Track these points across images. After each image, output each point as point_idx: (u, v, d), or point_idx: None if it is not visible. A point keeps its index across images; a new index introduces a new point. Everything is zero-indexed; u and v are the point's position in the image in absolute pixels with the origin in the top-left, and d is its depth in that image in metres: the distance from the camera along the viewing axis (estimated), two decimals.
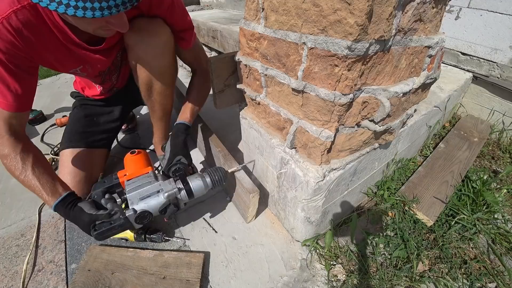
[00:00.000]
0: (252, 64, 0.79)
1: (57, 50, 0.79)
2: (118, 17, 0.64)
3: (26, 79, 0.76)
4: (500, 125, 1.36)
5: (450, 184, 1.06)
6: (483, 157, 1.25)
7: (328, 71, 0.57)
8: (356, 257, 0.87)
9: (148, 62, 0.89)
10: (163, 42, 0.88)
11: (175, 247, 0.93)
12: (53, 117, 1.87)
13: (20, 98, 0.75)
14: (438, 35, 0.77)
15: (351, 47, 0.50)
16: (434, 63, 0.83)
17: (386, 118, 0.68)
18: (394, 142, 0.93)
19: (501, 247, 0.88)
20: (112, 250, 0.90)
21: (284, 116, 0.76)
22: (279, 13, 0.62)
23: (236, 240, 0.94)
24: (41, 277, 0.88)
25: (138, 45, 0.86)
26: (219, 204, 1.08)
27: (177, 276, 0.81)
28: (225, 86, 0.95)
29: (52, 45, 0.76)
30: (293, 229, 0.91)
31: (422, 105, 1.05)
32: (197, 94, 1.07)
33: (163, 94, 0.99)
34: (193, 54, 1.05)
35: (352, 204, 0.99)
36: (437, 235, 0.90)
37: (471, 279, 0.79)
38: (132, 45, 0.86)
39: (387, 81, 0.66)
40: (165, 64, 0.92)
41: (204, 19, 2.07)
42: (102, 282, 0.81)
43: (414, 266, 0.81)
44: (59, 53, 0.80)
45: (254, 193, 0.87)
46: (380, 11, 0.50)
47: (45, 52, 0.77)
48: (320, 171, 0.71)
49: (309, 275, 0.83)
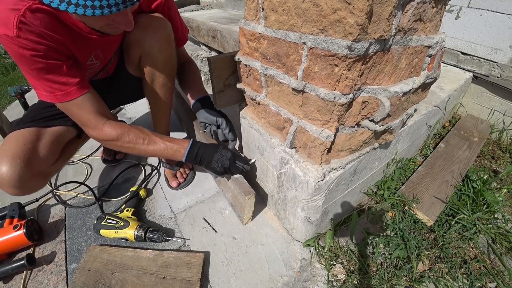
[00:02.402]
0: (252, 64, 0.79)
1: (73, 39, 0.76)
2: (123, 15, 0.66)
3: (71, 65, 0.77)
4: (500, 124, 1.36)
5: (450, 183, 1.06)
6: (483, 157, 1.25)
7: (328, 70, 0.57)
8: (356, 257, 0.87)
9: (154, 55, 0.92)
10: (167, 36, 0.93)
11: (175, 247, 0.93)
12: None
13: (82, 80, 0.77)
14: (438, 35, 0.77)
15: (351, 46, 0.50)
16: (434, 63, 0.83)
17: (386, 118, 0.68)
18: (394, 142, 0.93)
19: (501, 247, 0.88)
20: (112, 250, 0.90)
21: (284, 116, 0.76)
22: (279, 12, 0.62)
23: (236, 240, 0.94)
24: (41, 277, 0.88)
25: (144, 40, 0.89)
26: (219, 204, 1.08)
27: (177, 276, 0.81)
28: (225, 86, 0.95)
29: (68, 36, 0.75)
30: (293, 229, 0.91)
31: (422, 104, 1.05)
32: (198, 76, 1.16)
33: (166, 86, 1.03)
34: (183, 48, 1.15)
35: (352, 204, 0.99)
36: (437, 235, 0.90)
37: (471, 279, 0.79)
38: (139, 39, 0.90)
39: (387, 80, 0.66)
40: (168, 56, 0.97)
41: (204, 19, 2.06)
42: (102, 282, 0.81)
43: (414, 266, 0.81)
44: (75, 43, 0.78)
45: (250, 195, 0.87)
46: (380, 10, 0.50)
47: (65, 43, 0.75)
48: (320, 171, 0.71)
49: (309, 275, 0.83)
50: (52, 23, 0.68)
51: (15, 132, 0.84)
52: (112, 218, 0.95)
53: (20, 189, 0.81)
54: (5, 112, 2.03)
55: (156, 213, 1.07)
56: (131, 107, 1.85)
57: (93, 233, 1.00)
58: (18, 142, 0.82)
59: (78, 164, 1.36)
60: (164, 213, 1.07)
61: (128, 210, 1.00)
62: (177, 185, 1.16)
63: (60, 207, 1.13)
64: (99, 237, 0.97)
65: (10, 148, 0.79)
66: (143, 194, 1.11)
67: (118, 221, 0.94)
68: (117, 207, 1.07)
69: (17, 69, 3.22)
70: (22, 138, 0.83)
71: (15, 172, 0.77)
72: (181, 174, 1.20)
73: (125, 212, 0.99)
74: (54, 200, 1.15)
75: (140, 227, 0.92)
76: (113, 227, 0.92)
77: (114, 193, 1.18)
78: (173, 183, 1.17)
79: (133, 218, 0.98)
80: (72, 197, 1.17)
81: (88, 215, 1.08)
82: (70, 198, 1.17)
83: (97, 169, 1.32)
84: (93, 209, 1.10)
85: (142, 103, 1.86)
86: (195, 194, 1.14)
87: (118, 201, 1.13)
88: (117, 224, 0.93)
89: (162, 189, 1.18)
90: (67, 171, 1.32)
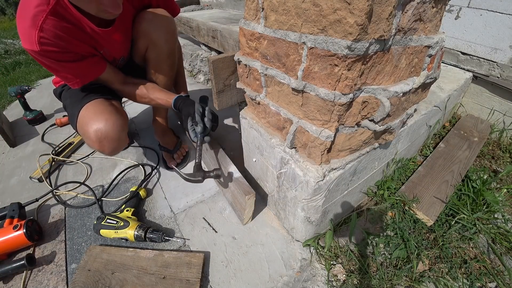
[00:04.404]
0: (252, 64, 0.79)
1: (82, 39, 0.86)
2: None
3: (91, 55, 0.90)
4: (500, 124, 1.36)
5: (450, 183, 1.06)
6: (483, 157, 1.25)
7: (328, 70, 0.57)
8: (356, 257, 0.87)
9: (160, 46, 1.05)
10: (173, 29, 1.08)
11: (175, 247, 0.93)
12: (53, 117, 1.87)
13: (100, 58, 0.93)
14: (438, 35, 0.77)
15: (351, 46, 0.50)
16: (434, 63, 0.83)
17: (386, 118, 0.68)
18: (394, 142, 0.93)
19: (501, 247, 0.88)
20: (112, 250, 0.90)
21: (284, 115, 0.76)
22: (278, 12, 0.62)
23: (236, 240, 0.94)
24: (41, 277, 0.88)
25: (152, 32, 1.01)
26: (219, 204, 1.08)
27: (177, 276, 0.81)
28: (225, 86, 0.95)
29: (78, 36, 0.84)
30: (293, 229, 0.91)
31: (422, 104, 1.05)
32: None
33: (168, 75, 1.15)
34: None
35: (352, 204, 0.99)
36: (437, 234, 0.90)
37: (471, 278, 0.79)
38: (147, 31, 1.01)
39: (387, 80, 0.66)
40: (172, 48, 1.10)
41: (204, 19, 2.06)
42: (102, 282, 0.81)
43: (414, 266, 0.81)
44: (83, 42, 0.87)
45: (250, 195, 0.87)
46: (380, 10, 0.50)
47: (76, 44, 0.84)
48: (320, 170, 0.71)
49: (309, 275, 0.83)
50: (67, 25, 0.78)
51: (89, 104, 0.95)
52: (112, 218, 0.95)
53: (119, 142, 0.94)
54: (5, 112, 2.02)
55: (156, 213, 1.07)
56: (131, 107, 1.86)
57: (93, 233, 1.00)
58: (103, 105, 0.96)
59: (78, 164, 1.36)
60: (164, 213, 1.07)
61: (128, 210, 1.00)
62: (175, 164, 1.26)
63: (60, 207, 1.13)
64: (99, 237, 0.97)
65: (101, 110, 0.93)
66: (143, 194, 1.11)
67: (118, 221, 0.94)
68: (117, 207, 1.07)
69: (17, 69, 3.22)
70: (101, 104, 0.96)
71: (116, 123, 0.91)
72: (178, 156, 1.31)
73: (125, 212, 0.99)
74: (54, 200, 1.15)
75: (140, 227, 0.92)
76: (113, 227, 0.92)
77: (114, 193, 1.18)
78: (171, 163, 1.27)
79: (133, 218, 0.98)
80: (72, 197, 1.17)
81: (88, 215, 1.08)
82: (70, 198, 1.17)
83: (97, 169, 1.32)
84: (93, 209, 1.10)
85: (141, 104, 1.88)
86: (195, 194, 1.14)
87: (118, 201, 1.13)
88: (117, 224, 0.93)
89: (162, 189, 1.18)
90: (67, 171, 1.32)
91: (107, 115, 0.91)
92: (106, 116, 0.90)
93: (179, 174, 0.90)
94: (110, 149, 0.92)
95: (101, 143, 0.89)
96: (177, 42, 1.13)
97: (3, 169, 1.41)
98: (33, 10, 0.71)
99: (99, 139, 0.88)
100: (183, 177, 0.89)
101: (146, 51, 1.06)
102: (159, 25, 1.01)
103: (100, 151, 0.92)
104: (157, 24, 1.01)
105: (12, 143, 1.58)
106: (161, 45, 1.05)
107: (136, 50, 1.08)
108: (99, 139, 0.88)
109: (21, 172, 1.36)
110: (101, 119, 0.89)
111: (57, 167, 1.35)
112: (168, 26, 1.05)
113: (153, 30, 1.01)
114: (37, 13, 0.71)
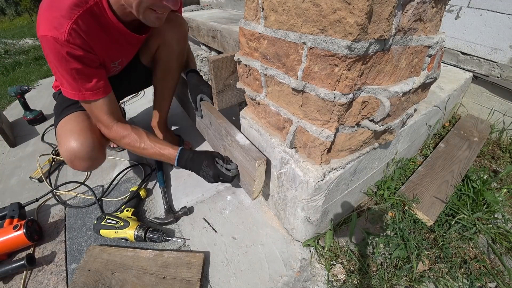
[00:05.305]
0: (252, 64, 0.79)
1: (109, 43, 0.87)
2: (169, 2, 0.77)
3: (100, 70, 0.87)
4: (500, 124, 1.36)
5: (450, 183, 1.06)
6: (483, 157, 1.25)
7: (328, 70, 0.57)
8: (356, 257, 0.87)
9: (172, 46, 1.08)
10: (185, 31, 1.11)
11: (175, 247, 0.93)
12: (53, 117, 1.87)
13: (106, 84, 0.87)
14: (438, 35, 0.77)
15: (351, 46, 0.50)
16: (434, 63, 0.83)
17: (386, 118, 0.68)
18: (394, 142, 0.93)
19: (501, 247, 0.88)
20: (112, 250, 0.90)
21: (284, 115, 0.76)
22: (278, 12, 0.62)
23: (236, 240, 0.94)
24: (41, 277, 0.88)
25: (167, 32, 1.04)
26: (219, 204, 1.08)
27: (177, 276, 0.81)
28: (225, 86, 0.95)
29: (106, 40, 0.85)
30: (293, 229, 0.91)
31: (422, 104, 1.05)
32: None
33: (175, 76, 1.17)
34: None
35: (352, 204, 0.99)
36: (437, 234, 0.90)
37: (471, 278, 0.79)
38: (160, 31, 1.02)
39: (387, 80, 0.66)
40: (182, 49, 1.13)
41: (204, 19, 2.07)
42: (102, 282, 0.81)
43: (414, 266, 0.81)
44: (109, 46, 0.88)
45: (261, 160, 0.79)
46: (380, 10, 0.50)
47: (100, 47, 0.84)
48: (320, 170, 0.71)
49: (309, 275, 0.83)
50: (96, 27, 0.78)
51: (66, 118, 0.93)
52: (112, 218, 0.95)
53: (92, 161, 0.90)
54: (5, 112, 2.03)
55: (156, 213, 1.07)
56: (131, 108, 1.86)
57: (93, 233, 1.00)
58: (76, 121, 0.92)
59: None
60: (164, 213, 1.07)
61: (128, 210, 1.00)
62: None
63: (60, 207, 1.13)
64: (99, 237, 0.97)
65: (73, 127, 0.90)
66: (143, 194, 1.11)
67: (118, 221, 0.94)
68: (117, 207, 1.07)
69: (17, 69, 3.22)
70: (76, 118, 0.93)
71: (85, 143, 0.87)
72: None
73: (125, 212, 0.99)
74: (54, 200, 1.15)
75: (140, 227, 0.92)
76: (113, 227, 0.92)
77: (114, 193, 1.18)
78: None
79: (133, 218, 0.98)
80: (72, 197, 1.17)
81: (88, 215, 1.08)
82: (70, 198, 1.17)
83: (97, 169, 1.32)
84: (93, 209, 1.10)
85: (141, 105, 1.89)
86: (195, 194, 1.14)
87: (118, 201, 1.13)
88: (117, 224, 0.93)
89: None
90: (67, 171, 1.32)
91: (77, 134, 0.88)
92: (75, 136, 0.87)
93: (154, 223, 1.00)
94: (83, 167, 0.90)
95: (72, 162, 0.88)
96: (187, 44, 1.15)
97: (3, 169, 1.41)
98: (69, 3, 0.71)
99: (70, 159, 0.87)
100: (158, 223, 1.00)
101: (156, 50, 1.08)
102: (172, 25, 1.02)
103: (74, 169, 0.91)
104: (170, 24, 1.00)
105: (12, 143, 1.58)
106: (173, 45, 1.07)
107: (146, 50, 1.08)
108: (70, 159, 0.87)
109: (21, 172, 1.36)
110: (70, 139, 0.87)
111: (57, 167, 1.35)
112: (181, 26, 1.07)
113: (167, 30, 1.02)
114: (74, 6, 0.72)
